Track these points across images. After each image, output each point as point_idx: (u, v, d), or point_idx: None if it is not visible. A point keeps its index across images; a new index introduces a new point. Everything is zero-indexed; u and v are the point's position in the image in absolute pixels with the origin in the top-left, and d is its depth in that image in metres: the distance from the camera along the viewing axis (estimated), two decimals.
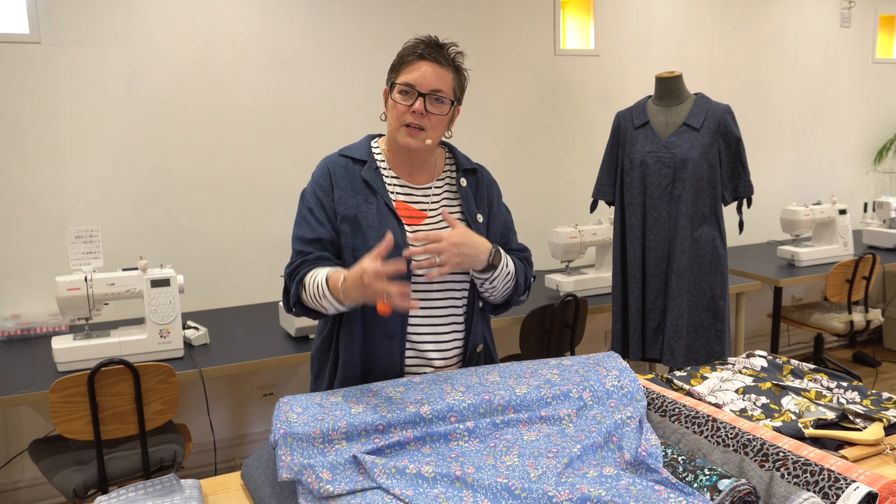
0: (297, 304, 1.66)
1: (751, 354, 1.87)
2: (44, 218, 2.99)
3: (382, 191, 1.67)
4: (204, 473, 3.31)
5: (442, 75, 1.62)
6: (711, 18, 4.38)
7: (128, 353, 2.50)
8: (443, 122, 1.65)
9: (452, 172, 1.77)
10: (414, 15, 3.57)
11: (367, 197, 1.66)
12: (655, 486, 1.18)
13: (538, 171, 4.00)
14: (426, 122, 1.62)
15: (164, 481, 1.36)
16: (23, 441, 3.03)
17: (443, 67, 1.62)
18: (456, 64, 1.66)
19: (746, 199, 2.85)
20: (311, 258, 1.64)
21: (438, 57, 1.62)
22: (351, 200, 1.65)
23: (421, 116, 1.61)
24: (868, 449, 1.42)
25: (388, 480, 1.23)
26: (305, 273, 1.62)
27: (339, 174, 1.68)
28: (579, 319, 3.17)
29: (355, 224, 1.64)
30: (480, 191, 1.76)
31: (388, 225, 1.64)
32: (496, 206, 1.78)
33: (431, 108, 1.62)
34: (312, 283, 1.59)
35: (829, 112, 4.95)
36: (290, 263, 1.66)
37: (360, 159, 1.70)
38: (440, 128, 1.65)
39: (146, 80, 3.09)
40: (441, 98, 1.62)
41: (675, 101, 2.87)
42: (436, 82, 1.61)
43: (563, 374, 1.55)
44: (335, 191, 1.67)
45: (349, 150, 1.73)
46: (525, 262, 1.80)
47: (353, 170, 1.69)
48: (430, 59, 1.61)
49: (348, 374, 1.68)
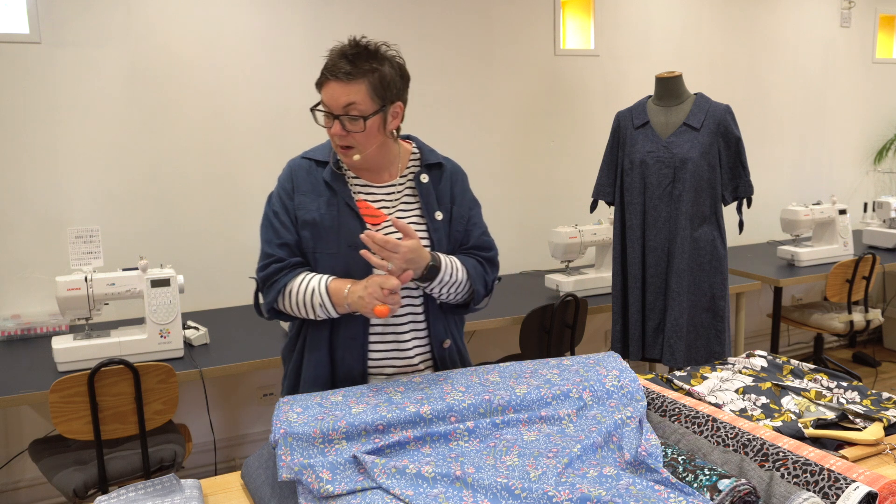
0: (271, 309, 1.68)
1: (751, 354, 1.87)
2: (44, 218, 2.99)
3: (343, 191, 1.66)
4: (204, 473, 3.31)
5: (351, 89, 1.55)
6: (711, 18, 4.38)
7: (128, 353, 2.50)
8: (370, 134, 1.60)
9: (417, 168, 1.74)
10: (414, 15, 3.57)
11: (328, 198, 1.66)
12: (655, 486, 1.18)
13: (538, 171, 4.00)
14: (351, 139, 1.59)
15: (164, 481, 1.36)
16: (23, 441, 3.03)
17: (351, 81, 1.55)
18: (369, 68, 1.56)
19: (746, 199, 2.85)
20: (289, 264, 1.65)
21: (342, 73, 1.54)
22: (311, 204, 1.65)
23: (343, 136, 1.59)
24: (868, 449, 1.42)
25: (388, 480, 1.23)
26: (289, 279, 1.64)
27: (301, 177, 1.68)
28: (579, 319, 3.17)
29: (315, 228, 1.64)
30: (443, 186, 1.73)
31: (349, 226, 1.64)
32: (459, 201, 1.75)
33: (349, 127, 1.58)
34: (305, 289, 1.61)
35: (829, 112, 4.95)
36: (263, 267, 1.67)
37: (322, 161, 1.70)
38: (369, 139, 1.61)
39: (146, 80, 3.09)
40: (354, 116, 1.56)
41: (675, 101, 2.87)
42: (345, 98, 1.55)
43: (563, 374, 1.55)
44: (296, 195, 1.67)
45: (312, 152, 1.73)
46: (486, 263, 1.76)
47: (316, 172, 1.69)
48: (334, 77, 1.55)
49: (314, 375, 1.69)
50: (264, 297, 1.68)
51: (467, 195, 1.78)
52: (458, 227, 1.73)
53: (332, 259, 1.64)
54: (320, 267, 1.66)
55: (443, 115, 3.70)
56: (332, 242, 1.64)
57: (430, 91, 3.66)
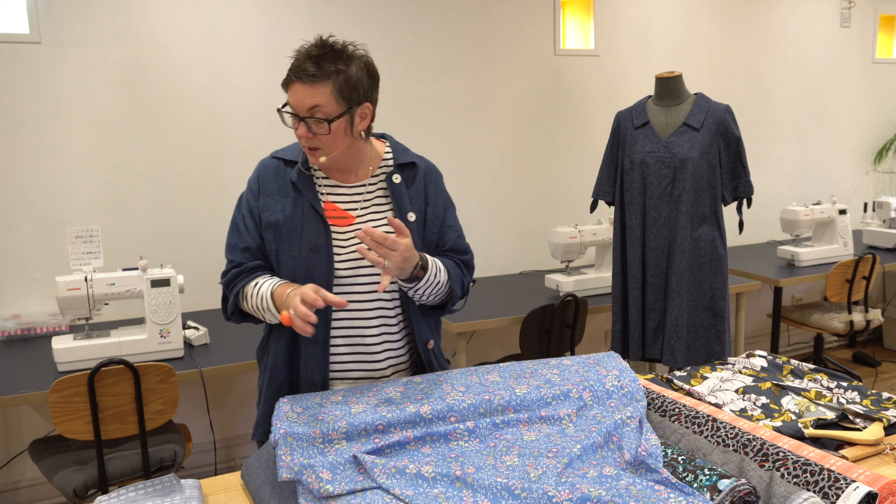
0: (236, 313, 1.68)
1: (751, 354, 1.87)
2: (44, 218, 2.99)
3: (309, 192, 1.63)
4: (204, 473, 3.31)
5: (315, 92, 1.51)
6: (711, 18, 4.38)
7: (128, 353, 2.50)
8: (336, 136, 1.56)
9: (390, 168, 1.70)
10: (413, 15, 3.57)
11: (294, 199, 1.63)
12: (655, 486, 1.18)
13: (538, 171, 4.00)
14: (317, 141, 1.56)
15: (164, 481, 1.36)
16: (23, 441, 3.03)
17: (315, 83, 1.51)
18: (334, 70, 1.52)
19: (746, 199, 2.85)
20: (247, 268, 1.64)
21: (306, 75, 1.51)
22: (276, 206, 1.63)
23: (310, 139, 1.56)
24: (868, 449, 1.42)
25: (388, 480, 1.23)
26: (245, 283, 1.63)
27: (269, 177, 1.66)
28: (579, 319, 3.17)
29: (277, 230, 1.62)
30: (416, 186, 1.70)
31: (312, 228, 1.61)
32: (433, 202, 1.71)
33: (315, 129, 1.55)
34: (256, 294, 1.60)
35: (829, 112, 4.95)
36: (225, 272, 1.66)
37: (291, 160, 1.67)
38: (335, 141, 1.57)
39: (146, 80, 3.09)
40: (318, 118, 1.53)
41: (675, 101, 2.87)
42: (310, 101, 1.52)
43: (563, 374, 1.55)
44: (261, 197, 1.65)
45: (282, 152, 1.70)
46: (463, 266, 1.73)
47: (284, 172, 1.66)
48: (299, 79, 1.52)
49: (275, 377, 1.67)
50: (229, 302, 1.67)
51: (441, 195, 1.74)
52: (432, 229, 1.70)
53: (294, 261, 1.61)
54: (282, 269, 1.63)
55: (443, 115, 3.70)
56: (294, 244, 1.61)
57: (430, 91, 3.66)
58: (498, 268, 3.94)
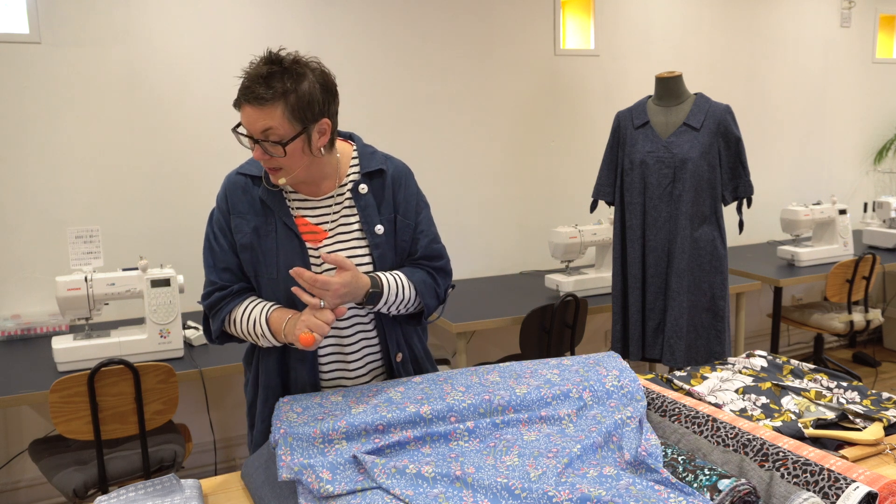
0: (221, 336, 1.65)
1: (751, 354, 1.87)
2: (44, 218, 2.99)
3: (280, 210, 1.57)
4: (204, 473, 3.31)
5: (266, 113, 1.44)
6: (711, 18, 4.38)
7: (128, 353, 2.50)
8: (293, 157, 1.49)
9: (357, 176, 1.64)
10: (413, 15, 3.57)
11: (265, 218, 1.58)
12: (655, 486, 1.18)
13: (538, 171, 4.00)
14: (274, 162, 1.50)
15: (164, 481, 1.36)
16: (23, 441, 3.03)
17: (265, 105, 1.44)
18: (283, 90, 1.44)
19: (746, 199, 2.85)
20: (231, 292, 1.60)
21: (254, 98, 1.44)
22: (247, 227, 1.58)
23: (268, 160, 1.50)
24: (868, 449, 1.42)
25: (388, 480, 1.23)
26: (232, 307, 1.60)
27: (237, 196, 1.60)
28: (579, 319, 3.17)
29: (252, 252, 1.57)
30: (385, 194, 1.63)
31: (288, 247, 1.56)
32: (403, 209, 1.65)
33: (269, 149, 1.48)
34: (247, 319, 1.57)
35: (829, 112, 4.95)
36: (207, 295, 1.62)
37: (257, 176, 1.61)
38: (293, 162, 1.50)
39: (146, 80, 3.09)
40: (273, 141, 1.46)
41: (675, 101, 2.87)
42: (261, 123, 1.45)
43: (563, 374, 1.55)
44: (232, 218, 1.59)
45: (247, 167, 1.63)
46: (437, 274, 1.67)
47: (252, 189, 1.60)
48: (248, 101, 1.45)
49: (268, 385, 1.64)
50: (211, 326, 1.64)
51: (412, 200, 1.66)
52: (403, 237, 1.64)
53: (273, 284, 1.57)
54: (263, 292, 1.59)
55: (443, 115, 3.70)
56: (271, 266, 1.56)
57: (429, 91, 3.66)
58: (498, 268, 3.94)
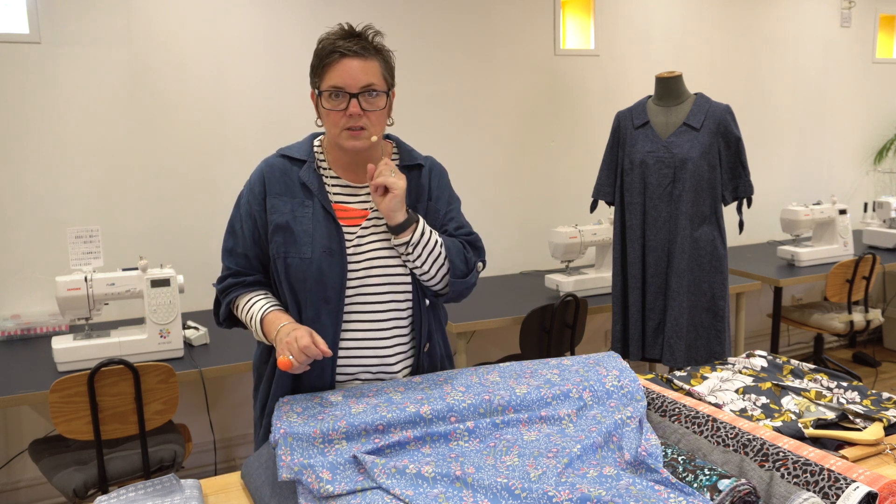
0: (227, 319, 1.67)
1: (751, 354, 1.87)
2: (44, 218, 2.99)
3: (320, 193, 1.59)
4: (204, 473, 3.31)
5: (369, 67, 1.51)
6: (711, 18, 4.38)
7: (128, 353, 2.50)
8: (383, 116, 1.57)
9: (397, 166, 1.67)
10: (413, 14, 3.57)
11: (303, 200, 1.58)
12: (655, 486, 1.18)
13: (538, 171, 4.00)
14: (365, 120, 1.53)
15: (164, 481, 1.36)
16: (23, 441, 3.03)
17: (367, 59, 1.51)
18: (378, 48, 1.55)
19: (746, 199, 2.85)
20: (245, 283, 1.62)
21: (359, 49, 1.50)
22: (285, 206, 1.58)
23: (359, 117, 1.52)
24: (868, 449, 1.42)
25: (388, 480, 1.23)
26: (239, 295, 1.63)
27: (275, 178, 1.60)
28: (579, 319, 3.17)
29: (288, 232, 1.56)
30: (420, 185, 1.67)
31: (323, 230, 1.56)
32: (436, 196, 1.68)
33: (367, 106, 1.52)
34: (247, 311, 1.61)
35: (829, 112, 4.95)
36: (221, 279, 1.65)
37: (299, 159, 1.62)
38: (381, 121, 1.57)
39: (146, 80, 3.09)
40: (373, 91, 1.52)
41: (675, 101, 2.87)
42: (364, 77, 1.50)
43: (563, 374, 1.55)
44: (268, 199, 1.59)
45: (289, 150, 1.65)
46: (467, 244, 1.68)
47: (292, 171, 1.61)
48: (352, 54, 1.50)
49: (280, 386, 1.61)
50: (221, 308, 1.66)
51: (445, 191, 1.71)
52: (432, 223, 1.65)
53: (305, 263, 1.56)
54: (291, 271, 1.57)
55: (443, 115, 3.70)
56: (305, 247, 1.56)
57: (429, 91, 3.66)
58: (498, 268, 3.94)
